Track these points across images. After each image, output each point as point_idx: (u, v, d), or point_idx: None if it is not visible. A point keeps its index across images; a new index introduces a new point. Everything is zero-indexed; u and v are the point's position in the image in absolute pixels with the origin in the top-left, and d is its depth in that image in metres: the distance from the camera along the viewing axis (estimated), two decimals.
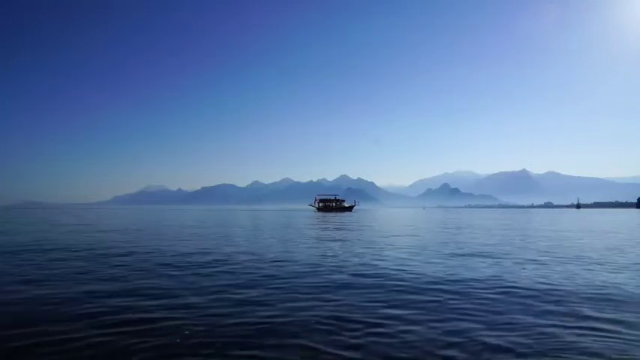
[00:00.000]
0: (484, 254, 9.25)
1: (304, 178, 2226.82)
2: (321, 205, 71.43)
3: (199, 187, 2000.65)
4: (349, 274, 6.44)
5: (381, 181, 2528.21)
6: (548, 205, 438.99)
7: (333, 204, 70.88)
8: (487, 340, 3.38)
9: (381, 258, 8.41)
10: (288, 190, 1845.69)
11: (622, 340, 3.40)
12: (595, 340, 3.36)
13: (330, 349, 3.21)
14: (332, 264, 7.62)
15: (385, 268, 7.06)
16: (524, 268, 7.20)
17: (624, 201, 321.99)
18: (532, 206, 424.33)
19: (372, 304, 4.51)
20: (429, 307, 4.45)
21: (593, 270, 7.07)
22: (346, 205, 72.11)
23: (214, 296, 4.99)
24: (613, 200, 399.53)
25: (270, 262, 7.85)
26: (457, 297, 4.97)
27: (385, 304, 4.50)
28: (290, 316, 4.01)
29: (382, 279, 6.06)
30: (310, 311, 4.20)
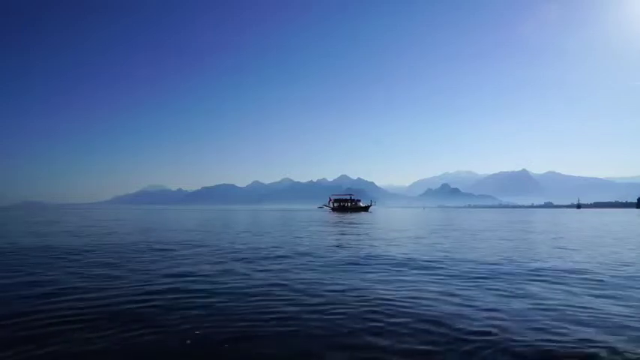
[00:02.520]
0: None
1: (304, 178, 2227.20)
2: (335, 205, 69.69)
3: (199, 187, 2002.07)
4: None
5: (381, 181, 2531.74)
6: (548, 205, 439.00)
7: (349, 204, 68.91)
8: None
9: None
10: (288, 190, 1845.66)
11: None
12: None
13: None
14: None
15: None
16: None
17: (624, 201, 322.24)
18: (532, 206, 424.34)
19: None
20: None
21: None
22: (362, 205, 69.87)
23: None
24: (613, 200, 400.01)
25: None
26: None
27: None
28: None
29: None
30: None
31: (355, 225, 22.30)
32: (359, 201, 70.32)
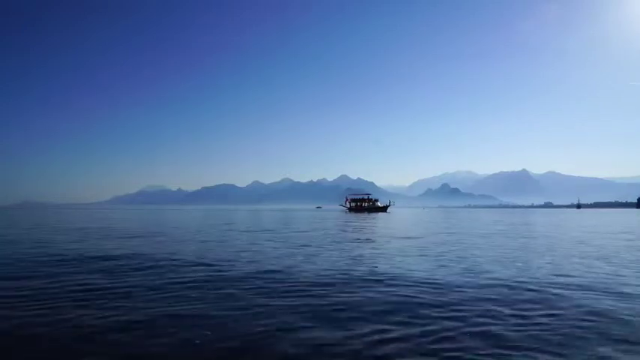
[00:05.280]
0: None
1: (304, 178, 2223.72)
2: (352, 204, 68.49)
3: (199, 187, 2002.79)
4: None
5: (381, 181, 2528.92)
6: (548, 205, 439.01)
7: (366, 204, 67.41)
8: None
9: None
10: (288, 190, 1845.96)
11: None
12: None
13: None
14: None
15: None
16: None
17: (624, 201, 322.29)
18: (532, 206, 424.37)
19: None
20: None
21: None
22: (380, 205, 67.72)
23: None
24: (613, 200, 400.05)
25: None
26: None
27: None
28: None
29: None
30: None
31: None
32: (376, 201, 68.21)
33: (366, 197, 68.68)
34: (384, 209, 67.01)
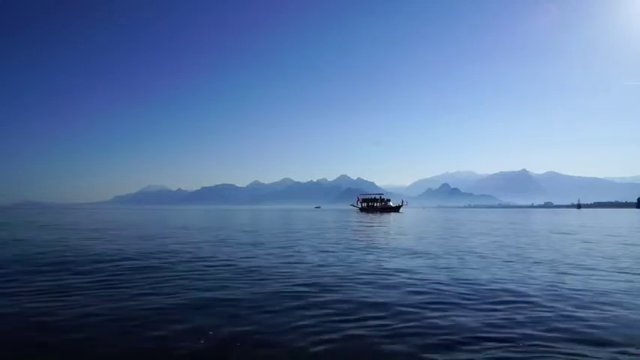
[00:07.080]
0: None
1: (304, 178, 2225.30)
2: (364, 205, 68.38)
3: (199, 187, 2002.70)
4: None
5: (381, 181, 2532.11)
6: (548, 205, 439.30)
7: (377, 204, 66.85)
8: None
9: None
10: (288, 190, 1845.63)
11: None
12: None
13: None
14: None
15: None
16: None
17: (624, 201, 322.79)
18: (532, 206, 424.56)
19: None
20: None
21: None
22: (392, 204, 66.50)
23: None
24: (613, 200, 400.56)
25: None
26: None
27: None
28: None
29: None
30: None
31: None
32: (389, 201, 67.39)
33: (378, 197, 68.30)
34: (396, 209, 65.86)
